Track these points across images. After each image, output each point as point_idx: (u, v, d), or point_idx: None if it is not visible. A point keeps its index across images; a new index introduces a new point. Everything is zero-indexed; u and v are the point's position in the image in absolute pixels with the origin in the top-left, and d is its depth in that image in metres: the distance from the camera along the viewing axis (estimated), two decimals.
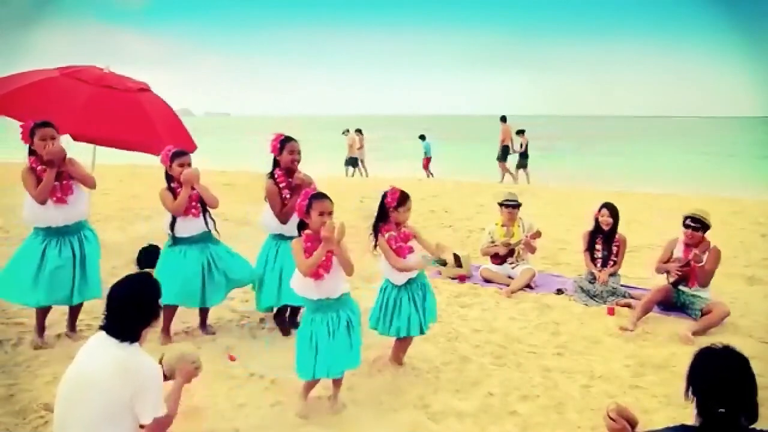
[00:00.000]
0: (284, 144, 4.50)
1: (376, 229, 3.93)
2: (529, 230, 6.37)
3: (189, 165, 4.44)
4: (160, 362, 2.67)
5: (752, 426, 2.09)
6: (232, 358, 4.30)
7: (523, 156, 16.63)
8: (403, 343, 4.17)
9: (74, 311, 4.55)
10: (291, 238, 4.55)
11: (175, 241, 4.47)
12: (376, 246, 3.92)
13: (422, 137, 18.32)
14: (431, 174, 18.11)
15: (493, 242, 6.52)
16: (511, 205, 6.43)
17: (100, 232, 7.61)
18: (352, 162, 18.29)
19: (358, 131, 18.40)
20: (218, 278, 4.53)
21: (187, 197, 4.36)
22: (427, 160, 18.15)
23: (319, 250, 3.31)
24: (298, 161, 4.55)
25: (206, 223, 4.53)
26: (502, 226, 6.52)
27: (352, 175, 17.68)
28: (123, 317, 2.44)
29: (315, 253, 3.32)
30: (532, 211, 10.27)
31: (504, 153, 16.63)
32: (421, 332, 4.06)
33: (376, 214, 3.95)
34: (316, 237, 3.40)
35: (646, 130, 77.53)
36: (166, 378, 2.62)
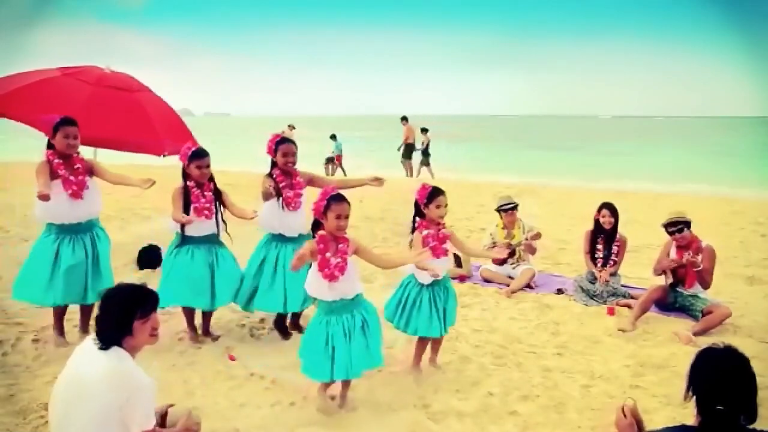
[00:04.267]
0: (278, 146, 4.49)
1: (414, 225, 3.97)
2: (529, 231, 6.37)
3: (208, 167, 4.36)
4: (167, 408, 2.66)
5: (752, 426, 2.09)
6: (232, 358, 4.30)
7: (425, 153, 17.55)
8: (423, 343, 4.11)
9: (86, 311, 4.52)
10: (291, 239, 4.54)
11: (183, 240, 4.40)
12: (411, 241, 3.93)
13: (333, 137, 18.93)
14: (343, 170, 18.66)
15: (494, 243, 6.53)
16: (508, 209, 6.43)
17: None
18: None
19: (292, 128, 18.84)
20: (222, 281, 4.47)
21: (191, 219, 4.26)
22: (339, 158, 18.82)
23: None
24: (293, 163, 4.52)
25: (217, 225, 4.47)
26: (503, 228, 6.53)
27: None
28: (101, 323, 2.43)
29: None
30: (533, 211, 10.29)
31: (408, 151, 17.72)
32: (440, 334, 4.02)
33: (413, 211, 4.00)
34: (331, 238, 3.41)
35: (646, 130, 77.54)
36: (163, 425, 2.60)
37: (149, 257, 6.43)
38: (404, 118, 17.79)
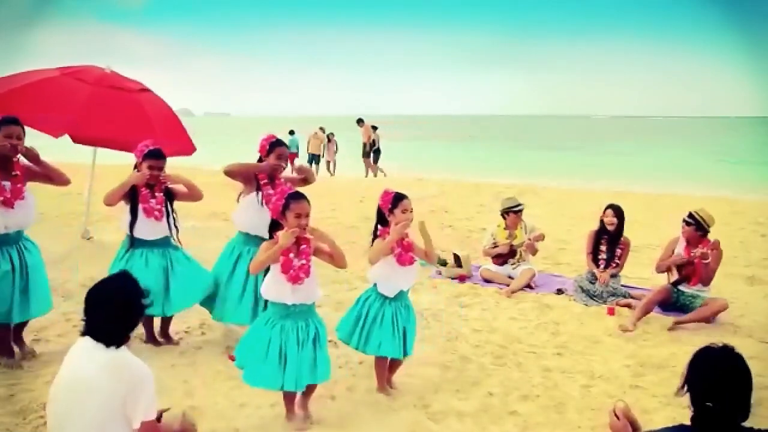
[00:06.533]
0: (273, 147, 4.34)
1: (375, 233, 3.71)
2: (531, 231, 6.37)
3: (160, 170, 4.17)
4: (161, 412, 2.62)
5: (751, 426, 2.09)
6: (232, 358, 4.29)
7: (376, 151, 18.10)
8: (382, 363, 3.79)
9: (19, 326, 4.09)
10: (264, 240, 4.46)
11: (133, 242, 4.20)
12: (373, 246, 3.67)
13: (291, 132, 19.15)
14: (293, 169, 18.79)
15: (494, 244, 6.52)
16: (517, 211, 6.42)
17: (100, 232, 7.69)
18: (315, 159, 18.94)
19: (324, 131, 19.12)
20: (178, 286, 4.25)
21: (120, 191, 4.04)
22: (293, 156, 18.68)
23: (274, 249, 3.13)
24: (284, 168, 4.40)
25: (169, 229, 4.29)
26: (505, 228, 6.52)
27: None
28: (108, 321, 2.37)
29: (269, 252, 3.15)
30: (534, 211, 10.28)
31: (368, 150, 18.18)
32: (400, 355, 3.72)
33: (375, 219, 3.76)
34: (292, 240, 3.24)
35: (645, 130, 77.59)
36: (159, 420, 2.58)
37: None
38: (360, 120, 18.42)
